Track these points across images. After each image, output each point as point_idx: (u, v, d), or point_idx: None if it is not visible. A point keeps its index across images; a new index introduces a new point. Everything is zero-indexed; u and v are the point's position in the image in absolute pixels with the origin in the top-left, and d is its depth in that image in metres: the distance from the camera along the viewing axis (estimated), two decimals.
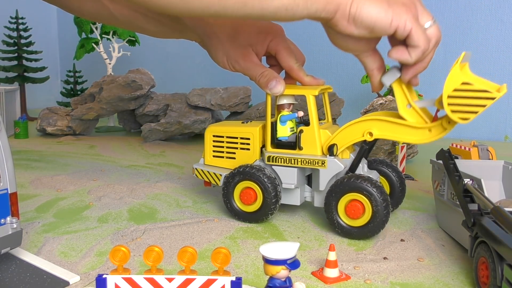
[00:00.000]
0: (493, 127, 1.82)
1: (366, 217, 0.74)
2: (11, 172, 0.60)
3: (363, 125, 0.75)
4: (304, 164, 0.79)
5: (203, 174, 0.88)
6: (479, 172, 0.73)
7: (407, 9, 0.60)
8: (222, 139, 0.87)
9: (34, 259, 0.65)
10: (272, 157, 0.81)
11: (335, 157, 0.78)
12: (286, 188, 0.82)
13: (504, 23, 1.76)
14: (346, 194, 0.75)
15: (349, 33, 0.61)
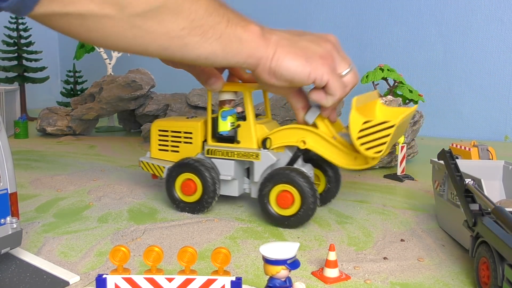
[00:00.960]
0: (493, 127, 1.82)
1: (296, 207, 0.78)
2: (11, 172, 0.60)
3: (301, 132, 0.80)
4: (240, 157, 0.83)
5: (148, 167, 0.92)
6: (479, 172, 0.73)
7: (324, 62, 0.67)
8: (167, 133, 0.92)
9: (34, 259, 0.65)
10: (211, 150, 0.86)
11: (268, 150, 0.82)
12: (224, 180, 0.85)
13: (504, 23, 1.76)
14: (277, 185, 0.79)
15: (271, 84, 0.66)
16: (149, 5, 0.54)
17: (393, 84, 1.56)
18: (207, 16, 0.59)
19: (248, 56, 0.64)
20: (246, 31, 0.63)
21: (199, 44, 0.60)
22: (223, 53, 0.62)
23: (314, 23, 2.04)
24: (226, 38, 0.61)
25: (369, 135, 0.72)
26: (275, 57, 0.65)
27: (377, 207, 0.92)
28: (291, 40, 0.67)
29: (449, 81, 1.87)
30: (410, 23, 1.89)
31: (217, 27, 0.60)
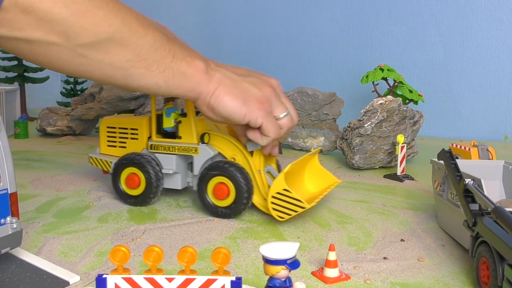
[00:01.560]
0: (493, 127, 1.82)
1: (231, 199, 0.83)
2: (11, 172, 0.60)
3: (235, 149, 0.86)
4: (181, 151, 0.88)
5: (97, 162, 0.97)
6: (479, 172, 0.73)
7: (260, 106, 0.72)
8: (115, 130, 0.96)
9: (34, 259, 0.65)
10: (154, 145, 0.90)
11: (207, 145, 0.87)
12: (167, 173, 0.89)
13: (504, 23, 1.76)
14: (215, 178, 0.84)
15: (208, 117, 0.72)
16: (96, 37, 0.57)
17: (393, 84, 1.56)
18: (152, 51, 0.62)
19: (189, 90, 0.68)
20: (190, 67, 0.67)
21: (143, 75, 0.64)
22: (165, 85, 0.66)
23: (314, 23, 2.04)
24: (169, 72, 0.65)
25: (282, 201, 0.78)
26: (215, 94, 0.69)
27: (377, 207, 0.92)
28: (234, 80, 0.71)
29: (449, 81, 1.87)
30: (410, 23, 1.89)
31: (162, 62, 0.64)
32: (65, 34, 0.55)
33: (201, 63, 0.69)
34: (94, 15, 0.56)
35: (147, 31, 0.62)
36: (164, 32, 0.66)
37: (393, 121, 1.23)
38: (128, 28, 0.60)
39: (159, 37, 0.63)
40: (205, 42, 2.24)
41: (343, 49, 1.98)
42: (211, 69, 0.70)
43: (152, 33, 0.63)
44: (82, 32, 0.56)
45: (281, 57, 2.10)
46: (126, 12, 0.60)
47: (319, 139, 1.45)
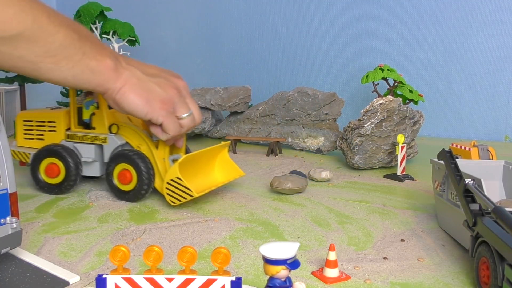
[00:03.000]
0: (493, 127, 1.82)
1: (133, 183, 0.91)
2: (11, 172, 0.60)
3: (140, 139, 0.94)
4: (93, 141, 0.97)
5: (15, 154, 1.03)
6: (479, 172, 0.73)
7: (162, 106, 0.78)
8: (31, 123, 1.03)
9: (34, 259, 0.65)
10: (71, 135, 0.98)
11: (115, 135, 0.95)
12: (86, 162, 0.98)
13: (504, 23, 1.76)
14: (119, 164, 0.92)
15: (116, 109, 0.78)
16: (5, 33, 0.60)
17: (393, 84, 1.56)
18: (62, 49, 0.66)
19: (97, 85, 0.73)
20: (99, 65, 0.71)
21: (52, 70, 0.67)
22: (73, 80, 0.70)
23: (314, 23, 2.04)
24: (78, 68, 0.69)
25: (175, 187, 0.87)
26: (121, 91, 0.74)
27: (377, 207, 0.92)
28: (141, 79, 0.77)
29: (449, 81, 1.87)
30: (410, 23, 1.89)
31: (71, 58, 0.68)
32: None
33: (110, 61, 0.73)
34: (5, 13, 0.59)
35: (58, 29, 0.65)
36: (77, 30, 0.69)
37: (393, 121, 1.23)
38: (38, 26, 0.63)
39: (70, 35, 0.67)
40: (205, 42, 2.24)
41: (343, 49, 1.98)
42: (121, 67, 0.75)
43: (64, 31, 0.66)
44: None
45: (281, 57, 2.10)
46: (38, 10, 0.63)
47: (319, 139, 1.45)
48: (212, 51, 2.23)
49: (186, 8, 2.27)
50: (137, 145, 0.95)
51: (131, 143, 0.96)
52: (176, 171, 0.86)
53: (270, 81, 2.11)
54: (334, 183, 1.09)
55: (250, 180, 1.11)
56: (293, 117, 1.52)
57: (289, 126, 1.53)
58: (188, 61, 2.28)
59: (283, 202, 0.94)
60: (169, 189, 0.87)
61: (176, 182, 0.86)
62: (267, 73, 2.12)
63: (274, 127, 1.55)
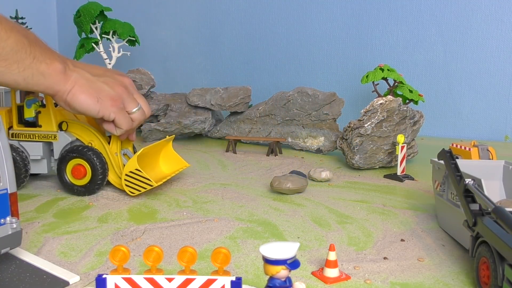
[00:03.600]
0: (493, 127, 1.82)
1: (87, 178, 0.95)
2: (11, 172, 0.60)
3: (91, 135, 0.98)
4: (42, 139, 0.98)
5: None
6: (479, 172, 0.73)
7: (113, 103, 0.82)
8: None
9: (34, 259, 0.65)
10: (16, 133, 0.99)
11: (65, 132, 0.98)
12: (34, 160, 1.00)
13: (504, 23, 1.76)
14: (73, 160, 0.95)
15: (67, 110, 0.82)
16: None
17: (393, 84, 1.56)
18: (13, 54, 0.70)
19: (46, 87, 0.76)
20: (49, 68, 0.75)
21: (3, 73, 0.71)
22: (24, 82, 0.73)
23: (314, 23, 2.04)
24: (29, 72, 0.73)
25: (134, 179, 0.92)
26: (71, 92, 0.78)
27: (377, 207, 0.92)
28: (89, 80, 0.81)
29: (449, 81, 1.87)
30: (410, 23, 1.89)
31: (22, 62, 0.71)
32: None
33: (59, 64, 0.77)
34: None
35: (9, 34, 0.68)
36: (27, 35, 0.73)
37: (393, 121, 1.23)
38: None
39: (20, 41, 0.70)
40: (205, 42, 2.24)
41: (343, 49, 1.98)
42: (69, 69, 0.79)
43: (14, 36, 0.69)
44: None
45: (281, 57, 2.10)
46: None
47: (319, 139, 1.45)
48: (212, 51, 2.23)
49: (186, 8, 2.27)
50: (89, 141, 0.98)
51: (82, 139, 0.98)
52: (135, 163, 0.91)
53: (270, 81, 2.11)
54: (334, 183, 1.09)
55: (250, 180, 1.11)
56: (293, 117, 1.52)
57: (289, 126, 1.53)
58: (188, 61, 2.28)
59: (283, 202, 0.94)
60: (128, 180, 0.92)
61: (135, 173, 0.92)
62: (267, 73, 2.12)
63: (274, 127, 1.55)
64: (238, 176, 1.15)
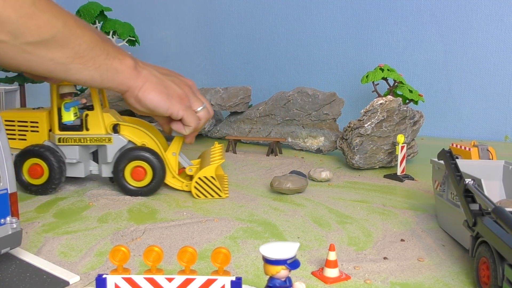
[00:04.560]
0: (493, 127, 1.82)
1: (148, 179, 0.95)
2: (11, 172, 0.60)
3: (144, 135, 0.98)
4: (93, 142, 0.97)
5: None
6: (479, 172, 0.73)
7: (181, 101, 0.83)
8: (13, 123, 1.01)
9: (34, 259, 0.65)
10: (62, 138, 0.96)
11: (119, 134, 0.96)
12: (70, 163, 0.98)
13: (504, 23, 1.76)
14: (132, 162, 0.95)
15: (135, 108, 0.81)
16: (40, 36, 0.65)
17: (393, 84, 1.56)
18: (89, 50, 0.71)
19: (119, 83, 0.77)
20: (121, 64, 0.76)
21: (80, 70, 0.72)
22: (100, 78, 0.74)
23: (314, 23, 2.04)
24: (103, 67, 0.75)
25: (205, 184, 0.95)
26: (143, 89, 0.79)
27: (377, 207, 0.92)
28: (159, 78, 0.81)
29: (449, 81, 1.87)
30: (410, 23, 1.89)
31: (97, 59, 0.73)
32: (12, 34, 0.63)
33: (131, 60, 0.78)
34: (39, 18, 0.64)
35: (84, 32, 0.70)
36: (98, 33, 0.75)
37: (393, 121, 1.23)
38: (68, 29, 0.68)
39: (95, 38, 0.72)
40: (205, 42, 2.24)
41: (343, 49, 1.98)
42: (139, 66, 0.80)
43: (89, 34, 0.72)
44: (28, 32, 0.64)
45: (281, 57, 2.10)
46: (66, 16, 0.69)
47: (319, 139, 1.45)
48: (212, 51, 2.23)
49: (186, 8, 2.27)
50: (142, 142, 0.97)
51: (134, 141, 0.97)
52: (212, 171, 0.95)
53: (270, 81, 2.11)
54: (334, 183, 1.09)
55: (250, 180, 1.11)
56: (293, 117, 1.52)
57: (289, 126, 1.53)
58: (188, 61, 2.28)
59: (283, 202, 0.94)
60: (200, 184, 0.95)
61: (209, 180, 0.95)
62: (267, 73, 2.12)
63: (274, 127, 1.55)
64: (238, 176, 1.15)
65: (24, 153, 0.96)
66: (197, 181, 0.95)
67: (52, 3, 0.68)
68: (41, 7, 0.65)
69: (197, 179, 0.95)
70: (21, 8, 0.63)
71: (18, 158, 0.96)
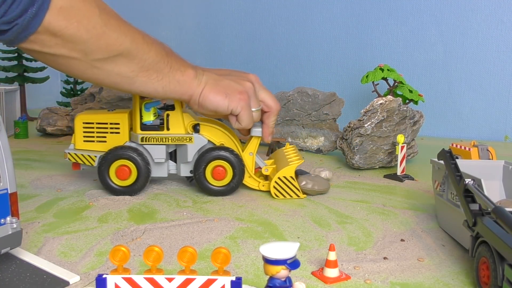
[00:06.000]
0: (493, 127, 1.82)
1: (228, 178, 0.96)
2: (11, 172, 0.60)
3: (222, 136, 0.98)
4: (174, 141, 0.96)
5: (77, 157, 0.99)
6: (479, 172, 0.73)
7: (241, 97, 0.86)
8: (92, 125, 1.00)
9: (34, 259, 0.65)
10: (145, 137, 0.96)
11: (200, 134, 0.96)
12: (156, 163, 0.98)
13: (504, 23, 1.76)
14: (212, 162, 0.95)
15: (200, 112, 0.88)
16: (109, 54, 0.70)
17: (393, 84, 1.56)
18: (154, 64, 0.76)
19: (182, 93, 0.82)
20: (183, 75, 0.81)
21: (145, 83, 0.77)
22: (163, 90, 0.79)
23: (314, 23, 2.04)
24: (166, 80, 0.79)
25: (284, 184, 0.96)
26: (202, 93, 0.83)
27: (377, 207, 0.92)
28: (216, 79, 0.85)
29: (449, 81, 1.87)
30: (410, 23, 1.89)
31: (161, 72, 0.78)
32: (84, 52, 0.68)
33: (192, 71, 0.83)
34: (109, 37, 0.69)
35: (150, 47, 0.76)
36: (164, 47, 0.80)
37: (393, 121, 1.23)
38: (135, 46, 0.73)
39: (159, 52, 0.77)
40: (205, 42, 2.24)
41: (343, 49, 1.98)
42: (199, 74, 0.84)
43: (155, 49, 0.77)
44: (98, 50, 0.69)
45: (281, 57, 2.10)
46: (134, 33, 0.74)
47: (319, 139, 1.45)
48: (212, 51, 2.23)
49: (186, 8, 2.27)
50: (220, 142, 0.98)
51: (213, 141, 0.98)
52: (292, 171, 0.96)
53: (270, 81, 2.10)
54: (334, 183, 1.09)
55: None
56: (293, 117, 1.52)
57: (289, 126, 1.53)
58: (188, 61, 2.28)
59: (283, 202, 0.94)
60: (279, 184, 0.96)
61: (288, 180, 0.96)
62: (267, 73, 2.12)
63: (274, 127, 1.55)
64: None
65: (111, 155, 0.95)
66: (276, 181, 0.95)
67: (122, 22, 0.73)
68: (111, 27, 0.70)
69: (277, 179, 0.95)
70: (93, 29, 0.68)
71: (104, 161, 0.95)
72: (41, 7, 0.62)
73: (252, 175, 0.99)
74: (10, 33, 0.63)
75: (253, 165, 0.99)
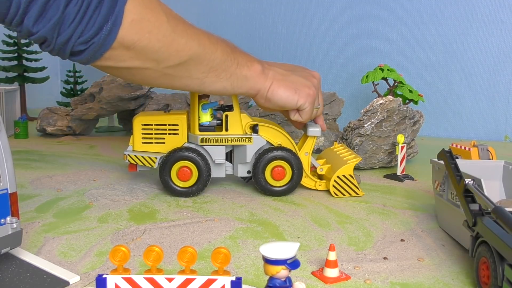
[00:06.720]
0: (493, 127, 1.82)
1: (287, 178, 0.96)
2: (11, 172, 0.60)
3: (280, 136, 0.98)
4: (233, 142, 0.97)
5: (136, 159, 0.98)
6: (479, 172, 0.73)
7: (309, 92, 0.87)
8: (151, 127, 1.00)
9: (34, 259, 0.65)
10: (205, 138, 0.96)
11: (258, 135, 0.97)
12: (216, 164, 0.98)
13: (504, 23, 1.76)
14: (271, 162, 0.96)
15: (266, 107, 0.88)
16: (179, 59, 0.71)
17: (393, 84, 1.56)
18: (221, 63, 0.77)
19: (249, 88, 0.83)
20: (250, 70, 0.81)
21: (214, 82, 0.78)
22: (231, 87, 0.80)
23: (314, 23, 2.04)
24: (234, 77, 0.80)
25: (343, 182, 0.97)
26: (271, 88, 0.84)
27: (377, 207, 0.92)
28: (284, 74, 0.86)
29: (449, 81, 1.87)
30: (410, 23, 1.89)
31: (228, 70, 0.78)
32: (156, 61, 0.69)
33: (258, 65, 0.83)
34: (178, 43, 0.70)
35: (216, 47, 0.76)
36: (228, 44, 0.81)
37: (393, 121, 1.23)
38: (203, 48, 0.74)
39: (225, 50, 0.78)
40: None
41: (343, 49, 1.98)
42: (265, 68, 0.84)
43: (221, 47, 0.77)
44: (169, 57, 0.70)
45: (281, 57, 2.10)
46: (200, 35, 0.75)
47: (319, 139, 1.46)
48: None
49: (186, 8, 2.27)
50: (277, 142, 0.98)
51: (271, 141, 0.98)
52: (351, 170, 0.97)
53: None
54: None
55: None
56: None
57: (289, 126, 1.53)
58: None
59: (283, 202, 0.94)
60: (338, 182, 0.97)
61: (347, 178, 0.97)
62: None
63: None
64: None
65: (172, 156, 0.95)
66: (335, 179, 0.96)
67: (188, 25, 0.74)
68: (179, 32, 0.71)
69: (336, 178, 0.96)
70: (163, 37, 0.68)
71: (166, 162, 0.95)
72: (115, 23, 0.62)
73: (308, 175, 0.99)
74: (87, 53, 0.63)
75: (309, 165, 1.00)
